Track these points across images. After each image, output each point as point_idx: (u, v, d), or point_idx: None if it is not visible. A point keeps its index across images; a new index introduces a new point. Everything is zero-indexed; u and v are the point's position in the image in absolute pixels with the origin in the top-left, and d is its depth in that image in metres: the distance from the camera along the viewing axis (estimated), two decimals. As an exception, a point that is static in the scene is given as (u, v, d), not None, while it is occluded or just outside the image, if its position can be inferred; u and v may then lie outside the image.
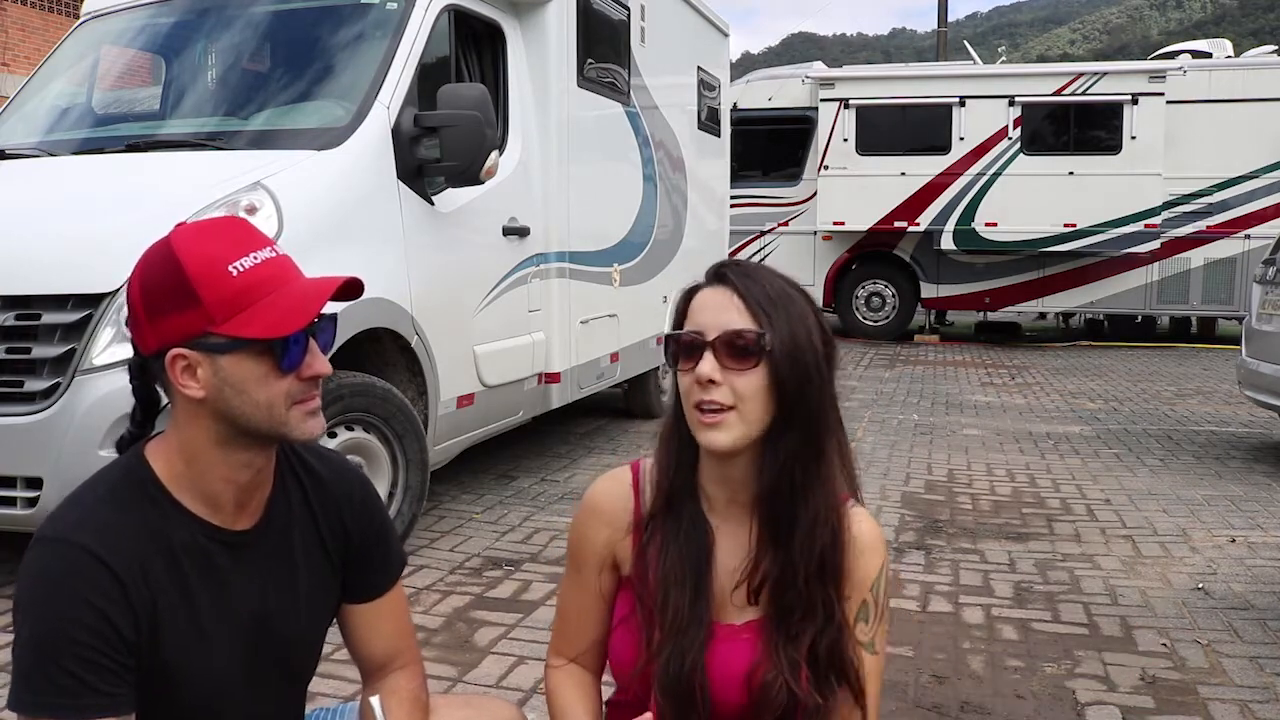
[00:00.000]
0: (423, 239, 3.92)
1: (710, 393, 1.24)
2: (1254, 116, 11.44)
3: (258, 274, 1.19)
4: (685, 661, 1.29)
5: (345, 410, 3.46)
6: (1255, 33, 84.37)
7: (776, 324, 1.25)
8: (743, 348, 1.25)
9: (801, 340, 1.26)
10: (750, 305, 1.26)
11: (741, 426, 1.26)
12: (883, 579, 1.36)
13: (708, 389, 1.25)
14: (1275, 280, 5.65)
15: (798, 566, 1.29)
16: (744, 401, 1.25)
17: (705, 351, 1.25)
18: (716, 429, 1.25)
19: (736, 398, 1.25)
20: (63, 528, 1.18)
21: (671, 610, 1.31)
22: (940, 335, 13.20)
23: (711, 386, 1.24)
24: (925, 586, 3.57)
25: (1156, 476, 5.33)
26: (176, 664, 1.22)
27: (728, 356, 1.25)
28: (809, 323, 1.28)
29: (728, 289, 1.28)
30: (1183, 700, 2.69)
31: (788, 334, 1.26)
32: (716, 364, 1.24)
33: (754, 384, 1.25)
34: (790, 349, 1.25)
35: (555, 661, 1.47)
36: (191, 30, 4.48)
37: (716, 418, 1.25)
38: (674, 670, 1.29)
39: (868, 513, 1.38)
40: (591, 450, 5.87)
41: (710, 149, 7.63)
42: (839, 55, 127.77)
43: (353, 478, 1.43)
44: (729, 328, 1.25)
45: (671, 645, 1.30)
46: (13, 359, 3.08)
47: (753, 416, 1.26)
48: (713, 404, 1.25)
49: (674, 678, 1.29)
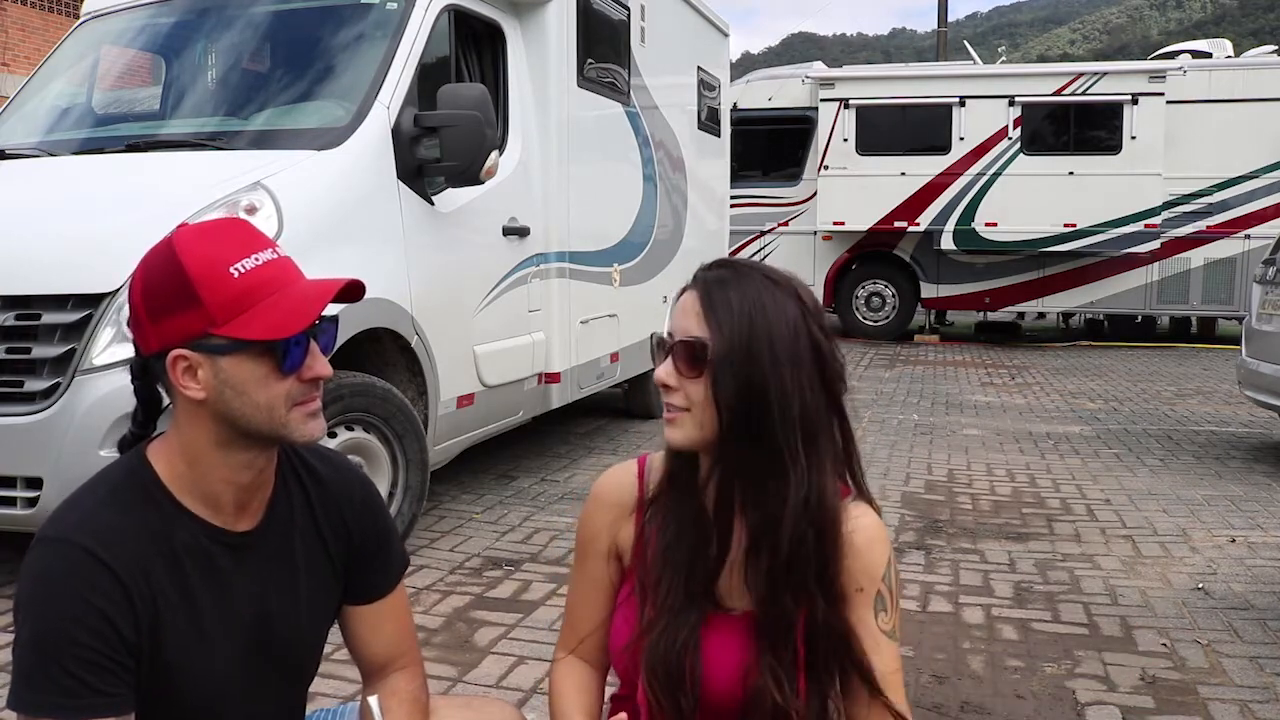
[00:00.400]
0: (423, 239, 3.92)
1: (667, 395, 1.30)
2: (1254, 116, 11.44)
3: (259, 275, 1.19)
4: (677, 640, 1.30)
5: (345, 410, 3.46)
6: (1255, 33, 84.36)
7: (728, 333, 1.25)
8: (691, 355, 1.27)
9: (756, 351, 1.25)
10: (707, 313, 1.27)
11: (693, 428, 1.29)
12: (892, 569, 1.36)
13: (665, 392, 1.30)
14: (1275, 280, 5.65)
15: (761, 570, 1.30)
16: (695, 406, 1.28)
17: (666, 356, 1.30)
18: (670, 426, 1.31)
19: (689, 401, 1.28)
20: (64, 528, 1.18)
21: (665, 587, 1.33)
22: (940, 335, 13.20)
23: (668, 390, 1.29)
24: (925, 586, 3.57)
25: (1156, 476, 5.33)
26: (177, 665, 1.22)
27: (682, 362, 1.28)
28: (778, 332, 1.26)
29: (693, 292, 1.30)
30: (1183, 700, 2.69)
31: (741, 345, 1.25)
32: (673, 368, 1.29)
33: (701, 390, 1.27)
34: (738, 361, 1.24)
35: (559, 654, 1.49)
36: (191, 30, 4.48)
37: (673, 415, 1.30)
38: (664, 648, 1.30)
39: (868, 506, 1.37)
40: (591, 450, 5.87)
41: (710, 149, 7.64)
42: (839, 55, 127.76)
43: (354, 478, 1.43)
44: (685, 334, 1.28)
45: (663, 623, 1.31)
46: (13, 359, 3.08)
47: (706, 421, 1.28)
48: (669, 405, 1.30)
49: (663, 656, 1.30)
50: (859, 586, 1.33)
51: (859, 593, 1.33)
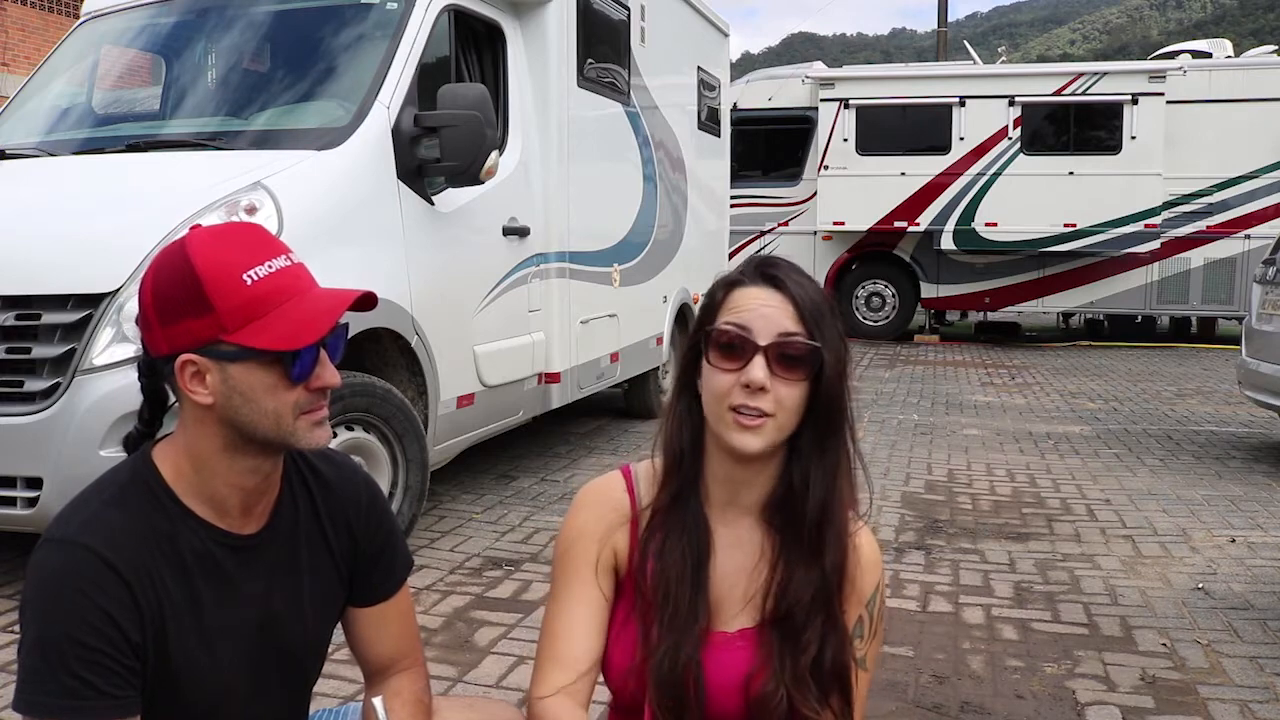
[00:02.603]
0: (423, 239, 3.92)
1: (756, 399, 1.20)
2: (1254, 116, 11.45)
3: (272, 283, 1.18)
4: (680, 657, 1.27)
5: (345, 410, 3.47)
6: (1255, 33, 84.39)
7: (827, 336, 1.23)
8: (795, 358, 1.21)
9: (843, 355, 1.25)
10: (804, 314, 1.22)
11: (775, 434, 1.23)
12: (879, 597, 1.35)
13: (755, 395, 1.20)
14: (1275, 280, 5.65)
15: (817, 580, 1.27)
16: (784, 411, 1.22)
17: (756, 355, 1.21)
18: (753, 433, 1.22)
19: (778, 406, 1.21)
20: (70, 529, 1.18)
21: (671, 606, 1.29)
22: (940, 335, 13.20)
23: (759, 394, 1.20)
24: (925, 586, 3.57)
25: (1156, 476, 5.33)
26: (182, 666, 1.22)
27: (778, 364, 1.21)
28: (842, 334, 1.26)
29: (780, 294, 1.23)
30: (1183, 700, 2.69)
31: (836, 348, 1.24)
32: (768, 370, 1.20)
33: (797, 395, 1.22)
34: (836, 363, 1.24)
35: (542, 691, 1.31)
36: (192, 30, 4.48)
37: (755, 421, 1.21)
38: (668, 666, 1.27)
39: (865, 527, 1.36)
40: (591, 450, 5.87)
41: (710, 149, 7.64)
42: (839, 55, 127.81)
43: (360, 481, 1.43)
44: (785, 335, 1.21)
45: (668, 642, 1.28)
46: (13, 359, 3.07)
47: (788, 425, 1.24)
48: (754, 409, 1.21)
49: (668, 674, 1.27)
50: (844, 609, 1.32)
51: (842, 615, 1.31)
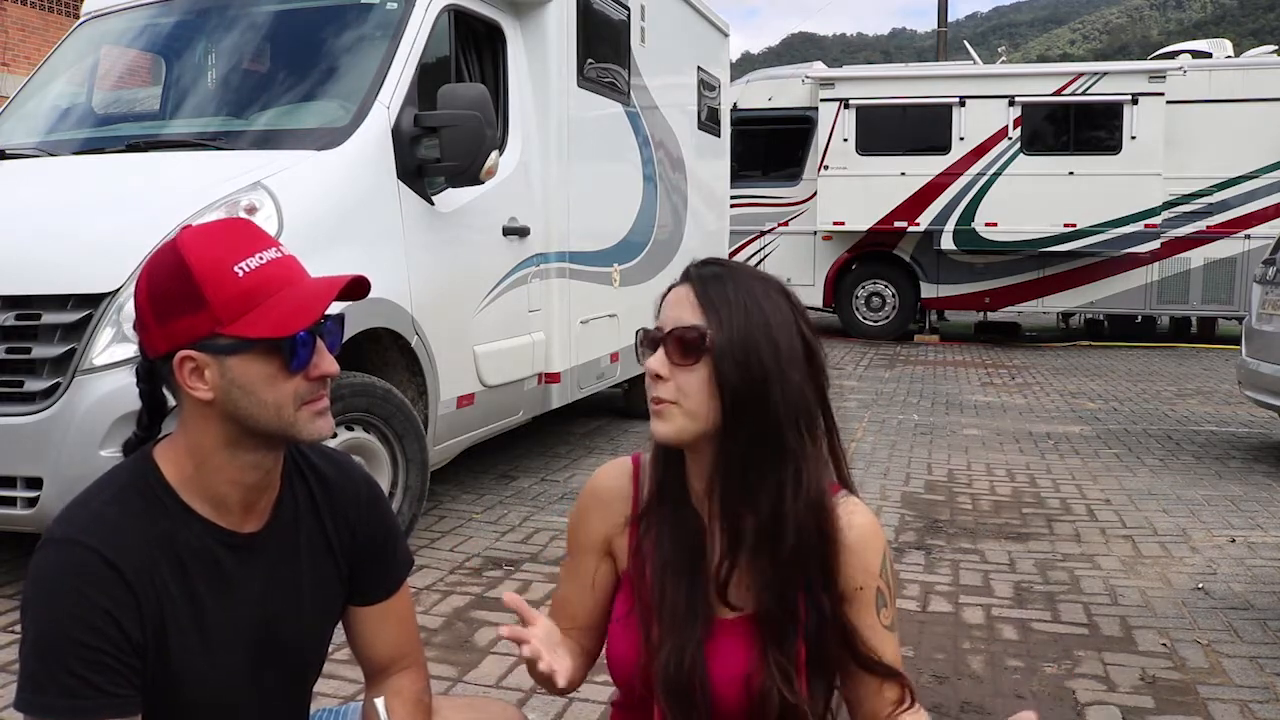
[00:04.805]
0: (423, 239, 3.92)
1: (656, 387, 1.28)
2: (1254, 116, 11.44)
3: (264, 274, 1.19)
4: (685, 658, 1.30)
5: (345, 410, 3.47)
6: (1255, 33, 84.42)
7: (727, 322, 1.26)
8: (686, 342, 1.27)
9: (756, 340, 1.26)
10: (702, 302, 1.28)
11: (683, 419, 1.28)
12: (887, 563, 1.37)
13: (655, 383, 1.28)
14: (1275, 280, 5.65)
15: (766, 568, 1.29)
16: (686, 397, 1.27)
17: (659, 347, 1.29)
18: (658, 418, 1.29)
19: (679, 393, 1.27)
20: (71, 529, 1.18)
21: (669, 603, 1.32)
22: (940, 335, 13.20)
23: (658, 381, 1.28)
24: (925, 586, 3.58)
25: (1156, 476, 5.33)
26: (182, 666, 1.22)
27: (675, 352, 1.27)
28: (774, 323, 1.28)
29: (688, 286, 1.30)
30: (1183, 700, 2.69)
31: (739, 333, 1.26)
32: (665, 359, 1.28)
33: (696, 380, 1.27)
34: (739, 348, 1.26)
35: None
36: (192, 30, 4.48)
37: (659, 407, 1.29)
38: (674, 669, 1.30)
39: (859, 502, 1.38)
40: (591, 450, 5.87)
41: (710, 149, 7.63)
42: (839, 55, 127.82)
43: (360, 480, 1.43)
44: (679, 323, 1.28)
45: (671, 641, 1.31)
46: (13, 359, 3.08)
47: (698, 412, 1.27)
48: (657, 398, 1.28)
49: (674, 677, 1.30)
50: (859, 585, 1.33)
51: (859, 591, 1.33)
